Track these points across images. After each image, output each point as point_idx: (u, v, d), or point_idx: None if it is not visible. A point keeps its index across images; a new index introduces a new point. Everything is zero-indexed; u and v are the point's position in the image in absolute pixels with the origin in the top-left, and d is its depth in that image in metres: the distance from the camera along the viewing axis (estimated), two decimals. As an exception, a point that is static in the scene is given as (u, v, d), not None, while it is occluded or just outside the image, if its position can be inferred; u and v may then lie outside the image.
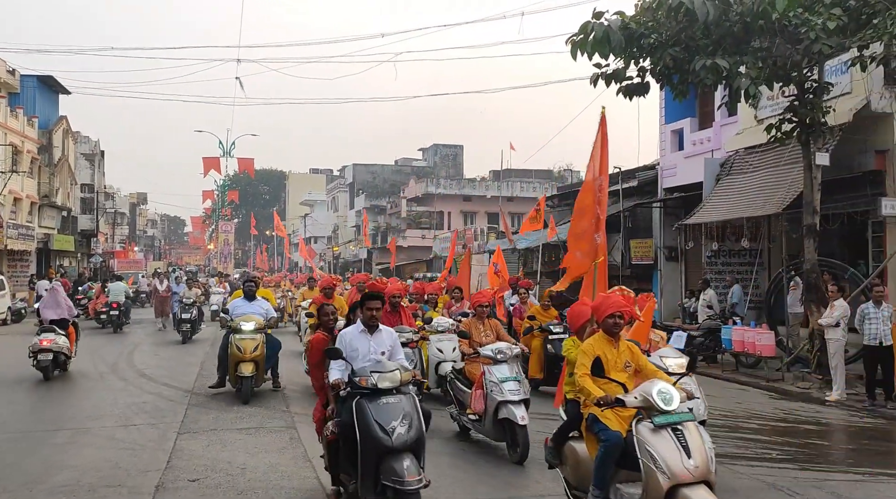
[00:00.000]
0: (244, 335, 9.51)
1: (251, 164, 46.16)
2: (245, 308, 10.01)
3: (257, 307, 10.14)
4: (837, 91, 11.96)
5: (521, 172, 44.72)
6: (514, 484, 5.99)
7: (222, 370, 9.79)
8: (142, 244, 74.99)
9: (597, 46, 9.84)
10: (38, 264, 34.27)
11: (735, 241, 14.88)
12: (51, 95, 37.73)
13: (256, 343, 9.52)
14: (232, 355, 9.42)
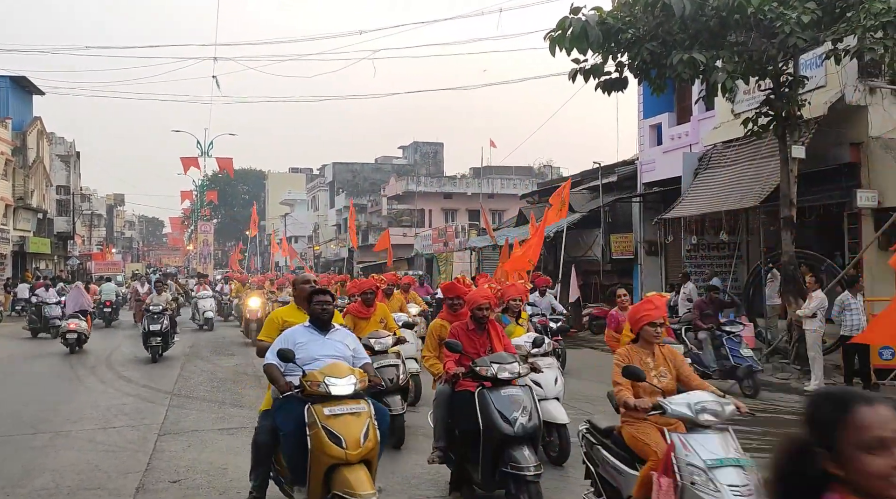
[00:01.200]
0: (343, 408, 4.30)
1: (230, 163, 45.72)
2: (320, 347, 4.74)
3: (338, 345, 4.85)
4: (812, 84, 12.12)
5: (501, 169, 44.79)
6: None
7: (264, 474, 4.96)
8: (120, 246, 74.11)
9: (575, 42, 9.88)
10: (14, 268, 33.72)
11: (714, 234, 15.04)
12: (24, 96, 37.10)
13: (366, 423, 4.31)
14: (321, 453, 4.15)
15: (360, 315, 7.70)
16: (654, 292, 6.98)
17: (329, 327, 4.77)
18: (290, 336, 4.68)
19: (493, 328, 5.50)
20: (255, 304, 16.48)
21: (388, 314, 8.06)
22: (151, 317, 13.44)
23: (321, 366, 4.40)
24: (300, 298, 5.23)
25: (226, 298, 26.11)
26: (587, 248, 20.78)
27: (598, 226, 19.73)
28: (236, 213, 76.29)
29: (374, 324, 7.67)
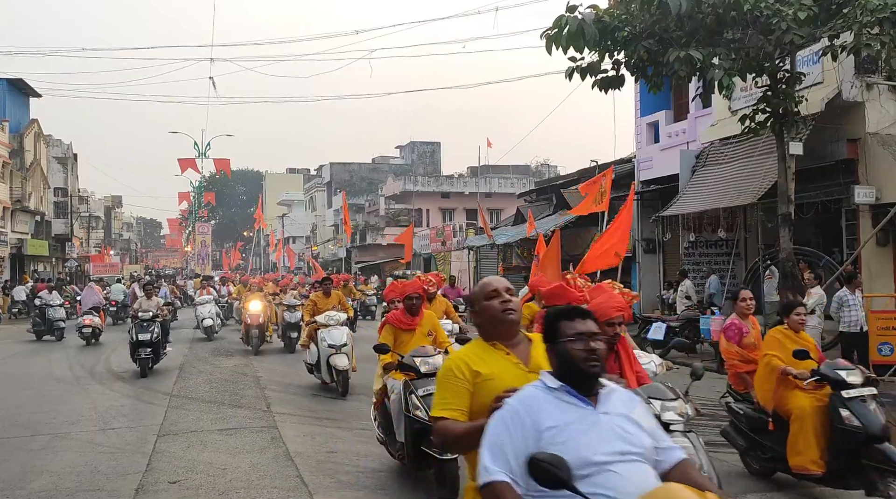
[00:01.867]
0: None
1: (227, 164, 45.69)
2: (596, 435, 2.22)
3: (625, 424, 2.35)
4: (809, 81, 12.13)
5: (498, 168, 44.79)
6: None
7: None
8: (118, 248, 73.96)
9: (571, 40, 9.86)
10: (12, 270, 33.65)
11: (711, 231, 15.05)
12: (21, 98, 37.04)
13: None
14: None
15: (403, 326, 6.24)
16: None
17: (595, 388, 2.33)
18: (521, 415, 2.25)
19: (622, 349, 3.99)
20: (255, 308, 14.78)
21: (438, 325, 6.54)
22: (140, 325, 11.70)
23: (617, 484, 2.11)
24: (488, 324, 2.77)
25: (223, 300, 24.28)
26: (585, 246, 20.75)
27: (596, 224, 19.71)
28: (234, 214, 76.22)
29: (421, 337, 6.20)
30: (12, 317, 25.92)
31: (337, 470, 6.20)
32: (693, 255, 15.92)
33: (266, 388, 10.40)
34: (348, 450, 6.90)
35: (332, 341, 9.62)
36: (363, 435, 7.35)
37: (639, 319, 15.76)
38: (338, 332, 9.75)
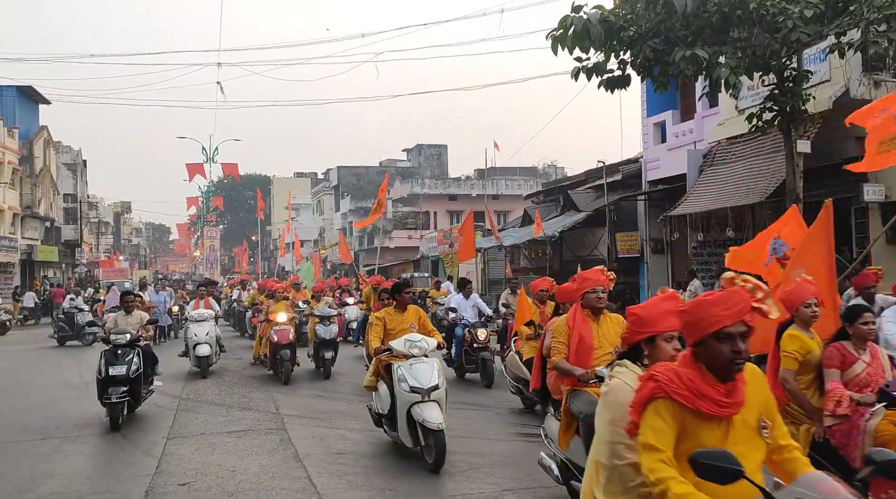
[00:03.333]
0: None
1: (235, 169, 45.88)
2: None
3: None
4: (817, 79, 12.06)
5: (505, 170, 44.78)
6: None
7: None
8: (127, 253, 74.40)
9: (577, 40, 9.86)
10: (23, 276, 33.91)
11: (720, 231, 14.97)
12: (30, 105, 37.37)
13: None
14: None
15: None
16: None
17: None
18: None
19: None
20: (283, 318, 11.42)
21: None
22: (112, 353, 8.23)
23: None
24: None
25: (234, 304, 21.56)
26: (592, 247, 20.74)
27: (604, 225, 19.69)
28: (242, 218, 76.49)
29: None
30: (18, 323, 26.02)
31: (346, 471, 6.21)
32: (701, 254, 15.84)
33: (274, 390, 10.42)
34: (357, 451, 6.90)
35: (417, 383, 6.22)
36: (372, 436, 7.36)
37: None
38: (425, 368, 6.36)
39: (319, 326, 11.65)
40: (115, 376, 8.03)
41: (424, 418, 6.03)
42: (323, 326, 11.61)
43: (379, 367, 6.78)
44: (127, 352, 8.28)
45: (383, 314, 7.09)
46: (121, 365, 8.10)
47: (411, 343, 6.54)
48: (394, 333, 6.85)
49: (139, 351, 8.42)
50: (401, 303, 7.12)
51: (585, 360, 4.65)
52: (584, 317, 4.81)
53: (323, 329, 11.58)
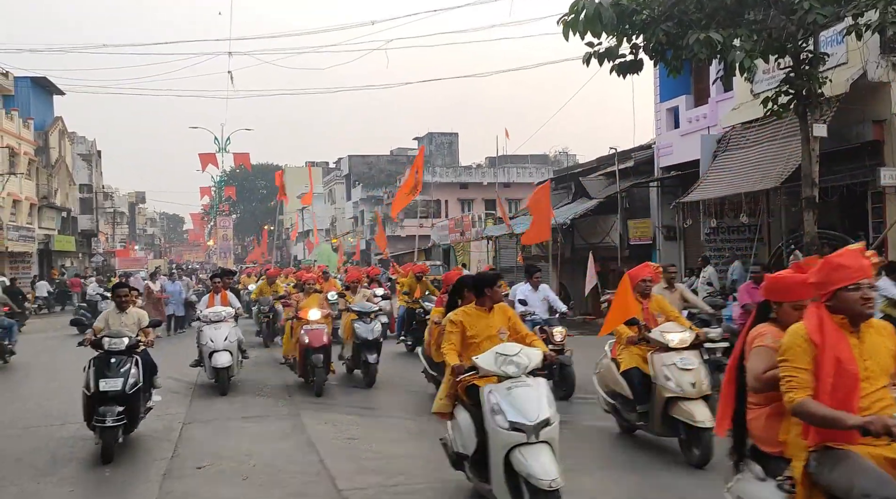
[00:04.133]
0: None
1: (247, 158, 46.06)
2: None
3: None
4: (834, 61, 11.89)
5: (516, 158, 44.58)
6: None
7: None
8: (142, 243, 75.06)
9: (588, 25, 9.75)
10: (40, 266, 34.33)
11: (734, 217, 14.85)
12: (45, 97, 37.65)
13: None
14: None
15: None
16: None
17: None
18: None
19: None
20: (316, 316, 9.52)
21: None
22: (104, 363, 6.49)
23: None
24: None
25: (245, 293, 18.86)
26: (604, 234, 20.65)
27: (616, 212, 19.59)
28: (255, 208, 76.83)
29: None
30: (32, 312, 26.29)
31: (358, 456, 6.27)
32: (715, 241, 15.74)
33: (288, 377, 10.50)
34: (369, 437, 6.96)
35: (519, 416, 4.33)
36: (384, 423, 7.43)
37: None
38: (529, 393, 4.44)
39: (359, 325, 9.65)
40: (108, 392, 6.25)
41: (531, 473, 4.15)
42: (363, 325, 9.66)
43: (458, 389, 4.91)
44: (122, 361, 6.46)
45: (461, 316, 5.16)
46: (116, 378, 6.30)
47: (505, 358, 4.55)
48: (477, 341, 5.07)
49: (137, 359, 6.63)
50: (489, 299, 5.20)
51: (849, 398, 2.90)
52: (836, 328, 3.00)
53: (364, 328, 9.61)
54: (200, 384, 10.05)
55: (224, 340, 9.53)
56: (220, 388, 9.32)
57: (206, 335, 9.66)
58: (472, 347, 5.03)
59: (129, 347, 6.64)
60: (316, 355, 8.94)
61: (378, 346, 9.68)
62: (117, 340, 6.62)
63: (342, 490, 5.33)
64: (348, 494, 5.26)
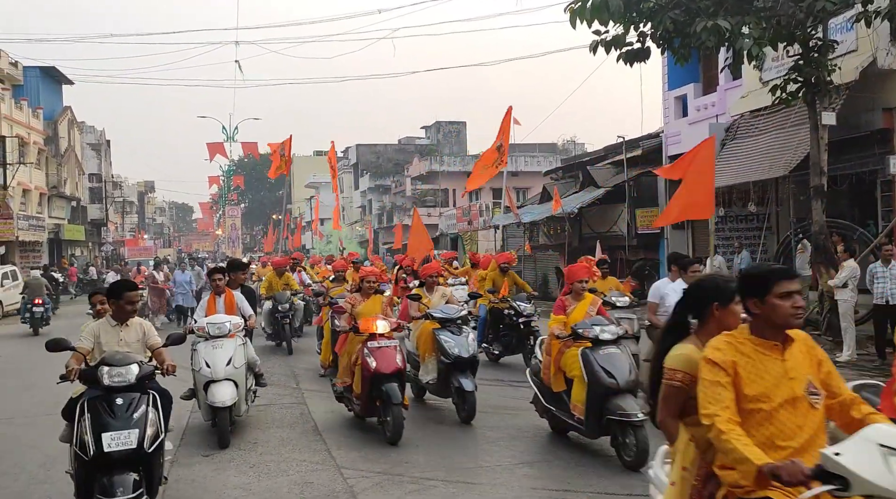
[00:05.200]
0: None
1: (255, 147, 46.12)
2: None
3: None
4: (843, 49, 11.78)
5: (524, 147, 44.43)
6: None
7: None
8: (151, 232, 75.47)
9: (595, 13, 9.69)
10: (50, 255, 34.59)
11: (742, 205, 14.80)
12: (54, 86, 37.79)
13: None
14: None
15: None
16: None
17: None
18: None
19: None
20: (384, 328, 6.69)
21: None
22: (102, 406, 4.35)
23: None
24: None
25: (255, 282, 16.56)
26: (612, 223, 20.60)
27: (623, 200, 19.54)
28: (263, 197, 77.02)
29: None
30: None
31: (363, 445, 6.33)
32: (723, 230, 15.69)
33: (295, 366, 10.58)
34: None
35: None
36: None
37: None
38: None
39: (447, 337, 7.16)
40: (117, 452, 4.16)
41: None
42: (453, 337, 7.15)
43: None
44: (133, 402, 4.37)
45: (728, 352, 2.57)
46: (126, 430, 4.24)
47: None
48: (767, 409, 2.63)
49: (154, 397, 4.54)
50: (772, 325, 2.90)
51: None
52: None
53: (454, 342, 7.10)
54: (194, 424, 7.18)
55: (226, 366, 6.49)
56: (220, 434, 6.30)
57: (201, 357, 6.58)
58: (757, 418, 2.53)
59: (141, 378, 4.47)
60: (389, 385, 6.23)
61: (474, 366, 7.19)
62: (122, 370, 4.42)
63: (348, 478, 5.39)
64: (354, 482, 5.32)
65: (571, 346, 5.92)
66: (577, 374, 5.73)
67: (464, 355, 7.00)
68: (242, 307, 7.44)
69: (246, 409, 6.95)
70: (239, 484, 5.38)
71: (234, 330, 6.82)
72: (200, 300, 7.99)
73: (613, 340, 5.81)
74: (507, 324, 10.22)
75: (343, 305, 7.32)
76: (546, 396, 6.22)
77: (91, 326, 5.09)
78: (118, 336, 4.93)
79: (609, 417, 5.46)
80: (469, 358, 7.07)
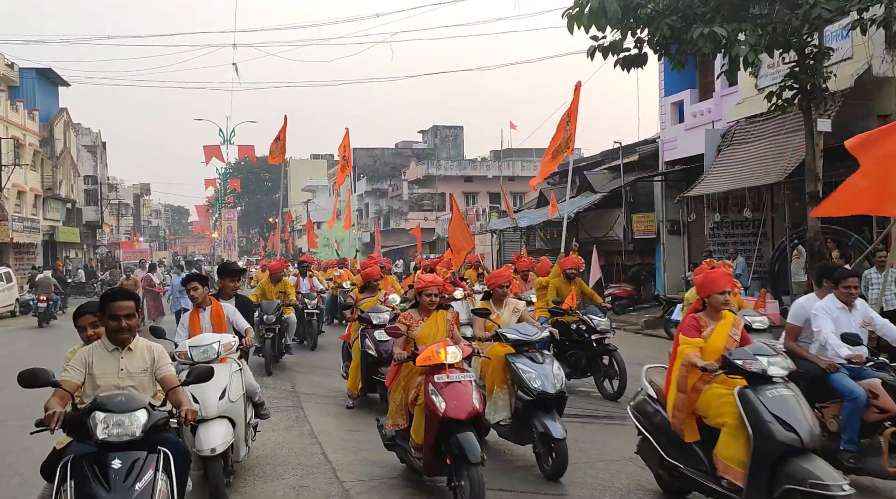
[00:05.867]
0: None
1: (252, 150, 46.17)
2: None
3: None
4: (838, 56, 11.85)
5: (521, 152, 44.56)
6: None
7: None
8: (147, 235, 75.25)
9: (593, 18, 9.74)
10: (45, 257, 34.47)
11: (738, 211, 14.84)
12: (50, 88, 37.71)
13: None
14: None
15: None
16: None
17: None
18: None
19: None
20: (455, 356, 4.94)
21: None
22: (95, 469, 3.20)
23: None
24: None
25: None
26: (609, 228, 20.66)
27: (620, 206, 19.59)
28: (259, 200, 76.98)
29: None
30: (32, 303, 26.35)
31: (360, 448, 6.32)
32: (719, 235, 15.74)
33: (291, 370, 10.55)
34: (370, 428, 6.98)
35: None
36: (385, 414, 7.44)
37: (662, 301, 15.66)
38: None
39: (526, 365, 5.60)
40: None
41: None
42: (534, 366, 5.60)
43: None
44: (134, 462, 3.28)
45: None
46: None
47: None
48: None
49: (166, 456, 3.41)
50: None
51: None
52: None
53: (535, 370, 5.56)
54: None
55: (220, 400, 4.94)
56: (211, 490, 4.75)
57: (187, 390, 4.26)
58: None
59: (150, 429, 3.36)
60: (464, 435, 4.60)
61: (562, 404, 5.65)
62: (123, 418, 3.28)
63: (344, 482, 5.38)
64: (350, 486, 5.31)
65: (712, 381, 4.42)
66: (730, 422, 4.19)
67: (549, 391, 5.42)
68: (236, 321, 6.07)
69: (246, 451, 5.49)
70: (235, 488, 5.35)
71: (226, 353, 5.27)
72: None
73: (781, 379, 4.22)
74: (575, 341, 8.58)
75: (398, 325, 5.45)
76: (668, 445, 4.65)
77: (81, 352, 3.81)
78: (117, 365, 3.71)
79: (790, 487, 3.85)
80: (556, 395, 5.47)
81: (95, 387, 3.66)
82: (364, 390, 7.28)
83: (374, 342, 7.43)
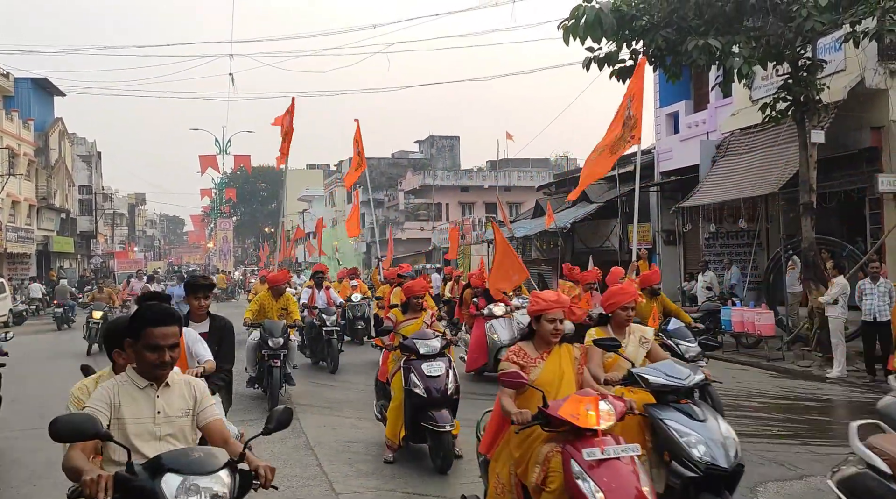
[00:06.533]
0: None
1: (248, 160, 46.12)
2: None
3: None
4: (831, 68, 11.95)
5: (518, 162, 44.68)
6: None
7: None
8: (142, 245, 75.07)
9: (589, 30, 9.83)
10: (39, 267, 34.33)
11: (733, 222, 14.90)
12: (45, 97, 37.70)
13: None
14: None
15: None
16: None
17: None
18: None
19: None
20: (608, 420, 3.32)
21: None
22: None
23: None
24: None
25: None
26: (605, 238, 20.69)
27: (616, 216, 19.63)
28: (255, 210, 76.92)
29: None
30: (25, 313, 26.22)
31: (356, 459, 6.28)
32: (714, 246, 15.78)
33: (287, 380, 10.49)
34: (367, 440, 6.97)
35: None
36: (381, 426, 7.41)
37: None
38: None
39: (676, 421, 3.84)
40: None
41: None
42: (690, 423, 3.82)
43: None
44: None
45: None
46: None
47: None
48: None
49: None
50: None
51: None
52: None
53: (697, 432, 3.77)
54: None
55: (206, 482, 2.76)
56: None
57: None
58: None
59: (238, 497, 2.79)
60: None
61: (737, 480, 3.84)
62: (205, 482, 2.58)
63: (340, 494, 5.35)
64: (346, 497, 5.28)
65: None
66: None
67: (721, 464, 3.66)
68: (196, 351, 4.63)
69: None
70: (229, 500, 5.30)
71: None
72: None
73: None
74: None
75: (511, 368, 3.69)
76: None
77: (103, 388, 2.86)
78: (153, 407, 2.85)
79: None
80: (733, 470, 3.70)
81: (122, 433, 2.73)
82: (408, 439, 5.95)
83: (421, 378, 5.79)
